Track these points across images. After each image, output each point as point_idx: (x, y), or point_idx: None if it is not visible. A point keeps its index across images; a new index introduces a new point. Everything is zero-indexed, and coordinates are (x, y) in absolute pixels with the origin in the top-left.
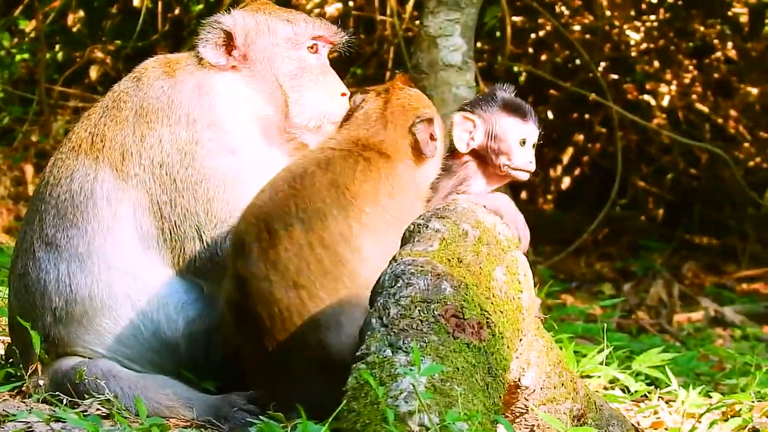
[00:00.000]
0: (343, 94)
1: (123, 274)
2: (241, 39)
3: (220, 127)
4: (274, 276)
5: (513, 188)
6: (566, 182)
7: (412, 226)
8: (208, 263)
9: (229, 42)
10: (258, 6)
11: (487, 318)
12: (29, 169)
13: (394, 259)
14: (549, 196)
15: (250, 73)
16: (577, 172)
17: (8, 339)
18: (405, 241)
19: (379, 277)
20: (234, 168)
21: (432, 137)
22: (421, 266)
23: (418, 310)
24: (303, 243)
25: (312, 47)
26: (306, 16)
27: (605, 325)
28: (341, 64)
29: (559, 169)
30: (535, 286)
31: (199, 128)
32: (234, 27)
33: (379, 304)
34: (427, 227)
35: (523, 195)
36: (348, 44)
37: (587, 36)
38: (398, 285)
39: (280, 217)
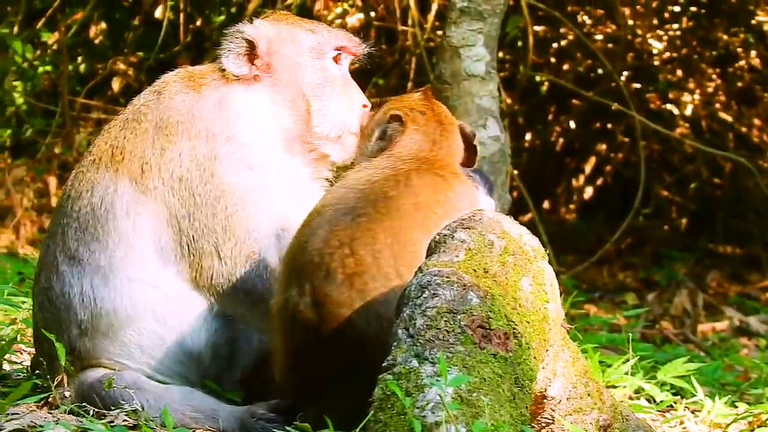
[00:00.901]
0: (365, 106)
1: (145, 286)
2: (264, 48)
3: (239, 142)
4: (358, 304)
5: (534, 197)
6: (589, 192)
7: (438, 237)
8: (225, 281)
9: (251, 51)
10: (280, 16)
11: (514, 328)
12: (52, 181)
13: (420, 269)
14: (571, 206)
15: (272, 82)
16: (599, 181)
17: (33, 350)
18: (431, 251)
19: (405, 288)
20: (253, 184)
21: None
22: (447, 277)
23: (445, 321)
24: (392, 274)
25: (335, 58)
26: (328, 27)
27: (630, 335)
28: (363, 74)
29: (582, 178)
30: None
31: (218, 143)
32: (257, 36)
33: (405, 314)
34: (452, 238)
35: (546, 204)
36: (369, 55)
37: (609, 45)
38: (424, 296)
39: (366, 244)
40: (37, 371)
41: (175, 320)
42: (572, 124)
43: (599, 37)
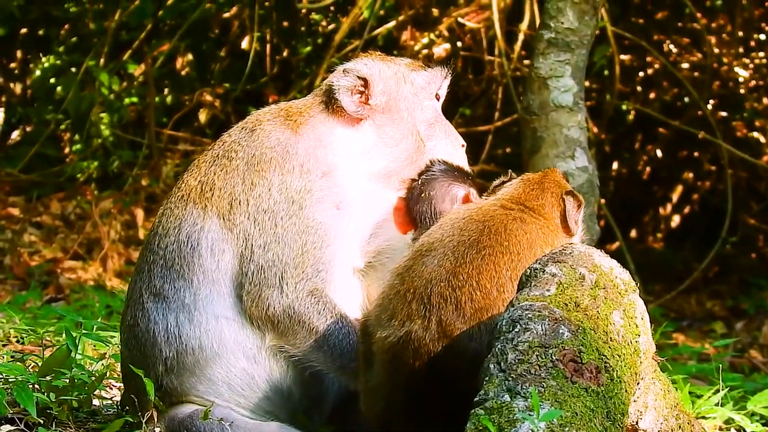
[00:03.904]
0: (463, 145)
1: (231, 323)
2: (380, 87)
3: (334, 180)
4: (486, 339)
5: (621, 226)
6: (676, 220)
7: (529, 271)
8: (281, 312)
9: (364, 90)
10: (381, 55)
11: (605, 362)
12: (140, 213)
13: (511, 304)
14: (659, 235)
15: (383, 122)
16: (686, 210)
17: (122, 386)
18: (522, 285)
19: (497, 323)
20: (337, 223)
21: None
22: (539, 311)
23: (536, 355)
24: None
25: (436, 95)
26: (421, 63)
27: (720, 365)
28: (450, 104)
29: (669, 207)
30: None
31: (313, 178)
32: (371, 75)
33: (497, 349)
34: (543, 272)
35: (633, 233)
36: (456, 85)
37: (696, 73)
38: (516, 330)
39: (492, 277)
40: (126, 407)
41: (263, 356)
42: (659, 153)
43: (685, 65)
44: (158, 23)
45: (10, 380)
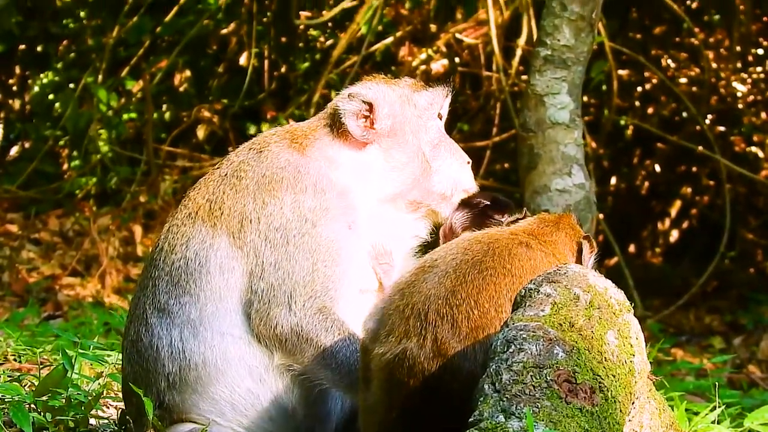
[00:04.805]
0: (468, 162)
1: (237, 340)
2: (384, 110)
3: (347, 201)
4: (481, 358)
5: (620, 241)
6: (674, 235)
7: (524, 291)
8: (289, 330)
9: (369, 114)
10: (385, 78)
11: (600, 382)
12: (138, 230)
13: (506, 324)
14: (657, 250)
15: (389, 145)
16: (685, 225)
17: (119, 404)
18: (516, 305)
19: (491, 343)
20: (348, 243)
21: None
22: (533, 331)
23: (531, 376)
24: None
25: (439, 115)
26: (422, 83)
27: (717, 382)
28: (447, 119)
29: (668, 222)
30: (646, 343)
31: (327, 197)
32: (377, 99)
33: (491, 369)
34: (538, 292)
35: (632, 248)
36: (454, 100)
37: (694, 88)
38: (510, 350)
39: (491, 297)
40: (124, 426)
41: (268, 375)
42: (657, 168)
43: (683, 80)
44: (156, 40)
45: (6, 400)
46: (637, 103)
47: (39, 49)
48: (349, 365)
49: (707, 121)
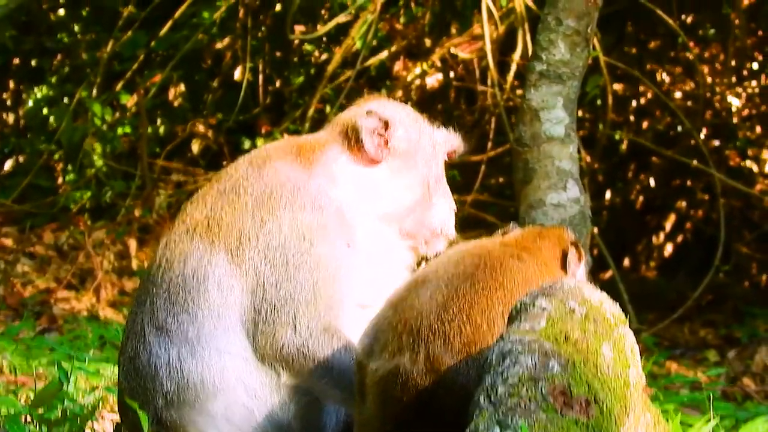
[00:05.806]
0: (454, 210)
1: (234, 358)
2: (400, 132)
3: (346, 219)
4: (474, 374)
5: (615, 255)
6: (669, 249)
7: (519, 305)
8: (295, 351)
9: (383, 133)
10: (399, 104)
11: (595, 395)
12: (133, 244)
13: (501, 337)
14: (652, 263)
15: (398, 167)
16: (680, 239)
17: (114, 417)
18: (512, 319)
19: (487, 356)
20: (348, 261)
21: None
22: (529, 344)
23: (526, 389)
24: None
25: (449, 154)
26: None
27: (711, 395)
28: None
29: (662, 236)
30: (641, 356)
31: (325, 215)
32: (394, 119)
33: (486, 382)
34: (534, 305)
35: (626, 262)
36: (449, 116)
37: (688, 103)
38: (506, 363)
39: (483, 311)
40: None
41: (265, 392)
42: (652, 182)
43: (678, 94)
44: (151, 54)
45: (1, 413)
46: (632, 118)
47: (33, 63)
48: None
49: (702, 136)
